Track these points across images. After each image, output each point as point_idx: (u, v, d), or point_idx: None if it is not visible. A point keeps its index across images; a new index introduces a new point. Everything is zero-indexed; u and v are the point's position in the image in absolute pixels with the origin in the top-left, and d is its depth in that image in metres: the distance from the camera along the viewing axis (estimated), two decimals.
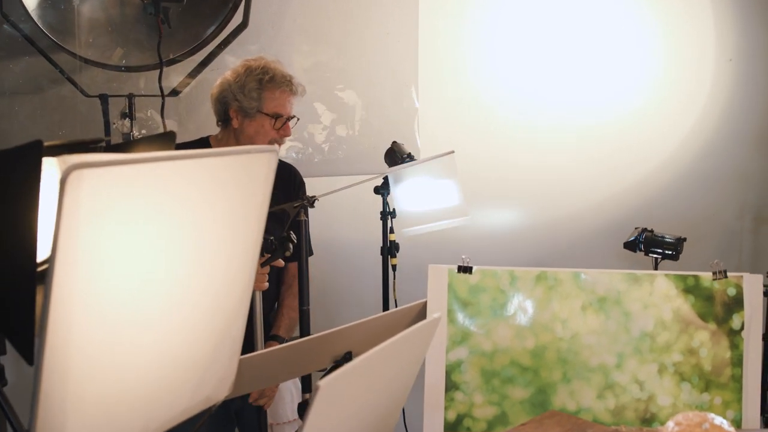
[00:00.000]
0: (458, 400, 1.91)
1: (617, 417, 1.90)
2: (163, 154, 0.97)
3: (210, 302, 1.18)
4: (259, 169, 1.18)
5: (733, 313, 1.95)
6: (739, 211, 3.81)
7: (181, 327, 1.12)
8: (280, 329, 2.45)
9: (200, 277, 1.13)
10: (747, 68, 3.72)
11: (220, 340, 1.25)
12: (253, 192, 1.19)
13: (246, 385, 1.74)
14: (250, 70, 2.31)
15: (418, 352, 1.51)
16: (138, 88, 2.91)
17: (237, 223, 1.18)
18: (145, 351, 1.05)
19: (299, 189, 2.54)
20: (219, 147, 2.40)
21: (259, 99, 2.30)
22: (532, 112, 3.56)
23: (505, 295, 1.95)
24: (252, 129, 2.32)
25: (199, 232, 1.08)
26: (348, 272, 3.44)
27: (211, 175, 1.06)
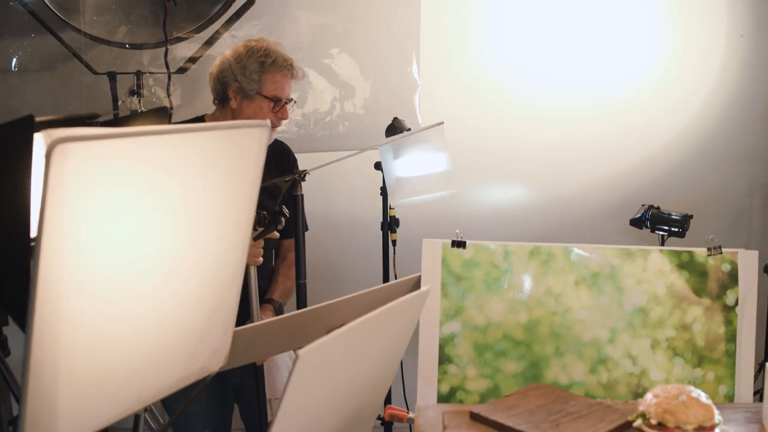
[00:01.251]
0: (451, 374, 1.94)
1: (609, 391, 1.92)
2: (150, 128, 0.99)
3: (202, 275, 1.20)
4: (250, 144, 1.20)
5: (728, 289, 1.95)
6: (748, 189, 3.78)
7: (174, 298, 1.15)
8: (274, 293, 2.48)
9: (192, 250, 1.15)
10: (759, 44, 3.67)
11: (213, 311, 1.27)
12: (245, 166, 1.21)
13: (241, 356, 1.77)
14: (252, 52, 2.31)
15: (406, 325, 1.53)
16: (143, 66, 2.94)
17: (228, 196, 1.20)
18: (138, 322, 1.08)
19: (293, 167, 2.56)
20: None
21: (260, 81, 2.30)
22: (539, 89, 3.55)
23: (498, 270, 1.97)
24: (250, 110, 2.33)
25: (190, 206, 1.10)
26: (349, 247, 3.47)
27: (201, 149, 1.08)
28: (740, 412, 1.51)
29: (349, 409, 1.41)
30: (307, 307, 1.98)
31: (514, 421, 1.41)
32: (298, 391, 1.15)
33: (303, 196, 2.12)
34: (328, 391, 1.29)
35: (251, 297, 2.16)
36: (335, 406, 1.34)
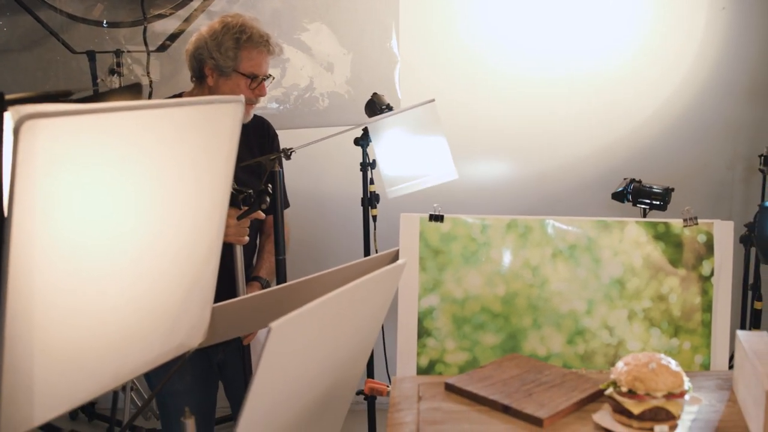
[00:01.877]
0: (430, 347, 1.96)
1: (587, 362, 1.94)
2: (121, 104, 0.99)
3: (178, 251, 1.21)
4: (224, 119, 1.20)
5: (704, 260, 1.97)
6: (729, 162, 3.80)
7: (149, 275, 1.15)
8: (261, 271, 2.48)
9: (166, 227, 1.15)
10: (740, 16, 3.68)
11: (190, 288, 1.28)
12: (219, 142, 1.21)
13: (221, 332, 1.78)
14: (228, 28, 2.29)
15: (382, 298, 1.54)
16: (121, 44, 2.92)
17: (203, 172, 1.20)
18: (113, 298, 1.08)
19: (273, 141, 2.55)
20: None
21: (236, 58, 2.28)
22: (521, 64, 3.55)
23: (476, 243, 1.98)
24: (227, 87, 2.30)
25: (164, 182, 1.10)
26: (329, 223, 3.48)
27: (175, 125, 1.07)
28: (712, 380, 1.54)
29: (326, 384, 1.42)
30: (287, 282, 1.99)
31: (487, 391, 1.42)
32: (271, 365, 1.15)
33: (282, 172, 2.12)
34: (303, 365, 1.30)
35: (237, 276, 2.16)
36: (311, 380, 1.35)
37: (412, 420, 1.34)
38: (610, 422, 1.31)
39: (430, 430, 1.30)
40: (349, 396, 1.62)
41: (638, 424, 1.29)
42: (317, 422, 1.47)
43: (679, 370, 1.33)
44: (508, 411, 1.36)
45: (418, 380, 1.53)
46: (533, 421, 1.32)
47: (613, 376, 1.35)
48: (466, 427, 1.31)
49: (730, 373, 1.56)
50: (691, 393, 1.33)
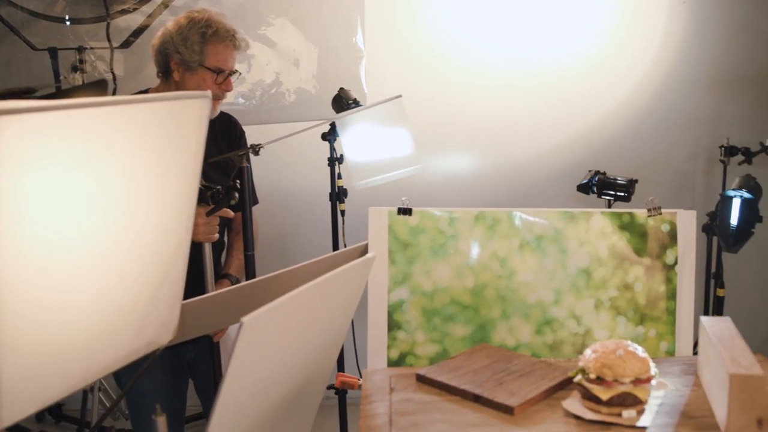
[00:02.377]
0: (401, 339, 1.97)
1: (555, 351, 1.97)
2: (87, 101, 0.98)
3: (146, 248, 1.20)
4: (191, 115, 1.19)
5: (667, 249, 2.01)
6: (691, 153, 3.87)
7: (117, 272, 1.15)
8: (230, 268, 2.47)
9: (134, 223, 1.14)
10: (700, 10, 3.74)
11: (158, 285, 1.27)
12: (186, 138, 1.20)
13: (191, 329, 1.77)
14: (194, 23, 2.27)
15: (352, 292, 1.55)
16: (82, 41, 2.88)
17: (170, 169, 1.19)
18: (82, 295, 1.07)
19: (240, 138, 2.54)
20: None
21: (202, 53, 2.26)
22: (486, 58, 3.57)
23: (444, 236, 1.99)
24: (193, 82, 2.30)
25: (131, 178, 1.09)
26: (297, 219, 3.48)
27: (141, 121, 1.07)
28: (677, 365, 1.57)
29: (297, 378, 1.42)
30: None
31: (458, 381, 1.44)
32: (243, 360, 1.15)
33: (250, 168, 2.11)
34: (275, 360, 1.30)
35: (206, 273, 2.15)
36: (283, 374, 1.35)
37: (385, 411, 1.35)
38: (580, 409, 1.33)
39: (402, 421, 1.30)
40: (321, 390, 1.62)
41: (607, 410, 1.31)
42: (289, 417, 1.47)
43: (645, 356, 1.35)
44: (479, 400, 1.37)
45: (389, 372, 1.54)
46: (504, 410, 1.33)
47: (581, 363, 1.37)
48: (438, 416, 1.32)
49: (694, 359, 1.59)
50: (657, 378, 1.36)
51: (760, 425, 1.23)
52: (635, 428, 1.28)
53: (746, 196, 2.49)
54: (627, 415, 1.30)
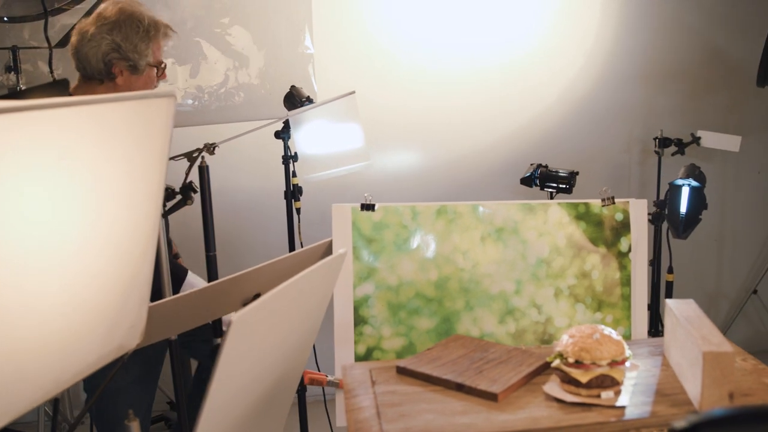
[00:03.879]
0: (367, 334, 1.98)
1: (518, 340, 2.01)
2: (52, 101, 0.95)
3: (114, 249, 1.18)
4: (156, 115, 1.18)
5: (621, 237, 2.07)
6: (626, 145, 3.99)
7: (86, 275, 1.12)
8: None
9: (101, 225, 1.12)
10: (632, 6, 3.86)
11: (127, 287, 1.25)
12: (152, 137, 1.18)
13: (156, 332, 1.74)
14: (135, 24, 2.15)
15: (326, 287, 1.55)
16: (22, 39, 2.79)
17: (137, 169, 1.17)
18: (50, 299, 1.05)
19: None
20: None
21: (149, 54, 2.19)
22: (429, 57, 3.61)
23: (407, 230, 2.01)
24: (141, 83, 2.21)
25: (98, 179, 1.07)
26: (252, 218, 3.45)
27: (107, 121, 1.05)
28: (644, 347, 1.62)
29: (276, 374, 1.42)
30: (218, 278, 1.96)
31: (440, 371, 1.46)
32: (231, 357, 1.15)
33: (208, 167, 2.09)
34: (258, 356, 1.30)
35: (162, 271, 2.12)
36: (264, 370, 1.35)
37: (371, 404, 1.36)
38: (560, 392, 1.37)
39: (390, 412, 1.31)
40: (295, 386, 1.62)
41: (586, 392, 1.35)
42: (267, 413, 1.47)
43: (619, 338, 1.40)
44: (462, 389, 1.40)
45: (368, 365, 1.55)
46: (488, 397, 1.36)
47: (558, 349, 1.40)
48: (425, 406, 1.34)
49: (659, 341, 1.65)
50: (631, 360, 1.40)
51: (731, 399, 1.29)
52: (614, 408, 1.33)
53: (694, 184, 2.60)
54: (606, 396, 1.35)
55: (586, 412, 1.32)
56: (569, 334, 1.41)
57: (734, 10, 3.99)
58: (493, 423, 1.27)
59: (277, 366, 1.42)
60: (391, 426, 1.26)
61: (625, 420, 1.29)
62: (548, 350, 1.60)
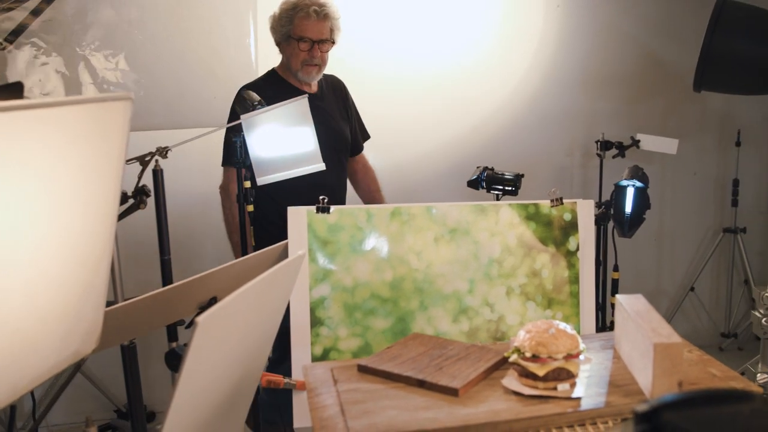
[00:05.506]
0: (324, 335, 1.99)
1: (472, 338, 2.05)
2: (6, 104, 0.95)
3: (70, 254, 1.17)
4: (114, 117, 1.17)
5: (569, 236, 2.13)
6: (569, 148, 4.09)
7: (41, 280, 1.11)
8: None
9: (57, 229, 1.11)
10: (573, 14, 3.97)
11: (84, 292, 1.24)
12: (109, 141, 1.18)
13: (113, 337, 1.73)
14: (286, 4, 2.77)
15: (285, 290, 1.57)
16: None
17: (93, 172, 1.16)
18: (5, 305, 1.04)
19: (348, 98, 3.05)
20: (281, 72, 2.90)
21: (289, 26, 2.74)
22: (378, 62, 3.65)
23: (362, 232, 2.03)
24: (288, 52, 2.81)
25: (54, 182, 1.06)
26: (204, 222, 3.43)
27: (63, 124, 1.04)
28: (596, 341, 1.68)
29: (238, 375, 1.43)
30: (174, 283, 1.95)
31: (401, 369, 1.48)
32: (196, 359, 1.15)
33: (162, 171, 2.07)
34: (222, 358, 1.31)
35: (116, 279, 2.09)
36: (227, 372, 1.35)
37: (334, 402, 1.38)
38: (518, 386, 1.41)
39: (354, 409, 1.33)
40: (254, 387, 1.63)
41: (543, 385, 1.39)
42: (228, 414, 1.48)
43: (574, 333, 1.45)
44: (424, 385, 1.42)
45: (329, 365, 1.57)
46: (449, 392, 1.39)
47: (515, 344, 1.44)
48: (388, 403, 1.36)
49: (609, 335, 1.71)
50: (585, 353, 1.45)
51: (680, 387, 1.35)
52: (571, 399, 1.37)
53: (638, 185, 2.68)
54: (562, 388, 1.39)
55: (544, 404, 1.36)
56: (526, 329, 1.46)
57: (670, 19, 4.14)
58: (456, 417, 1.30)
59: (238, 367, 1.43)
60: (356, 423, 1.28)
61: (581, 410, 1.34)
62: (504, 346, 1.64)
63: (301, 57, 2.78)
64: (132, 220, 2.15)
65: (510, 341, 1.51)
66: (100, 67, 2.83)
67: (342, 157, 3.01)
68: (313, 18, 2.74)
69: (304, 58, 2.78)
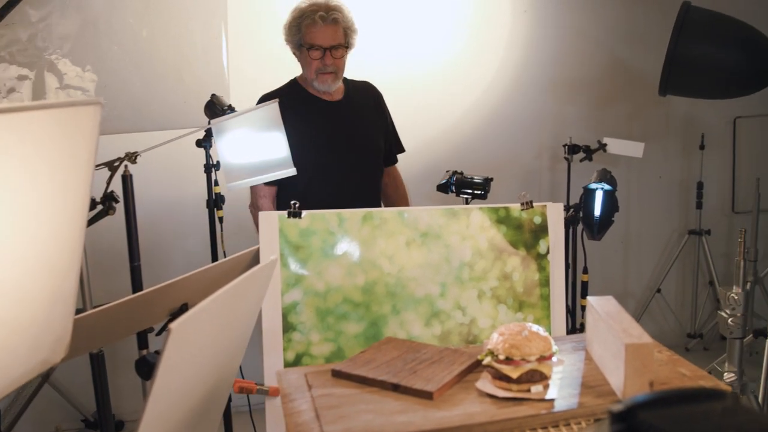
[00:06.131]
0: (296, 341, 1.98)
1: (444, 342, 2.05)
2: None
3: (38, 261, 1.16)
4: (83, 123, 1.16)
5: (540, 239, 2.15)
6: (537, 152, 4.13)
7: (9, 288, 1.10)
8: None
9: (25, 236, 1.10)
10: (539, 18, 4.01)
11: (53, 299, 1.23)
12: (78, 147, 1.17)
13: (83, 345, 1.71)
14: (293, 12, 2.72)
15: (258, 295, 1.56)
16: None
17: (61, 178, 1.15)
18: None
19: (382, 105, 2.99)
20: (301, 81, 2.85)
21: (299, 35, 2.69)
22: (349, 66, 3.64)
23: (334, 237, 2.03)
24: (302, 61, 2.75)
25: (22, 188, 1.05)
26: (174, 228, 3.40)
27: (31, 129, 1.03)
28: (567, 343, 1.69)
29: (211, 381, 1.42)
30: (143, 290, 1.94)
31: (375, 373, 1.48)
32: (170, 365, 1.15)
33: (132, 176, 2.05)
34: (195, 364, 1.30)
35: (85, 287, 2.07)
36: (201, 378, 1.35)
37: (309, 407, 1.37)
38: (492, 388, 1.42)
39: (329, 414, 1.33)
40: (227, 393, 1.62)
41: (517, 387, 1.40)
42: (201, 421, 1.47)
43: (546, 335, 1.46)
44: (398, 389, 1.43)
45: (302, 370, 1.56)
46: (424, 395, 1.39)
47: (489, 347, 1.45)
48: (363, 407, 1.36)
49: (580, 336, 1.73)
50: (557, 354, 1.47)
51: (652, 387, 1.37)
52: (544, 401, 1.38)
53: (606, 187, 2.71)
54: (535, 390, 1.40)
55: (518, 406, 1.37)
56: (499, 332, 1.47)
57: (636, 25, 4.20)
58: (431, 420, 1.31)
59: (212, 374, 1.42)
60: (332, 427, 1.28)
61: (554, 412, 1.35)
62: (477, 349, 1.65)
63: (314, 65, 2.71)
64: (98, 227, 2.12)
65: (483, 344, 1.52)
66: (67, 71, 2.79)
67: (372, 165, 2.93)
68: (320, 24, 2.67)
69: (317, 67, 2.71)
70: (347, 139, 2.77)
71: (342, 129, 2.77)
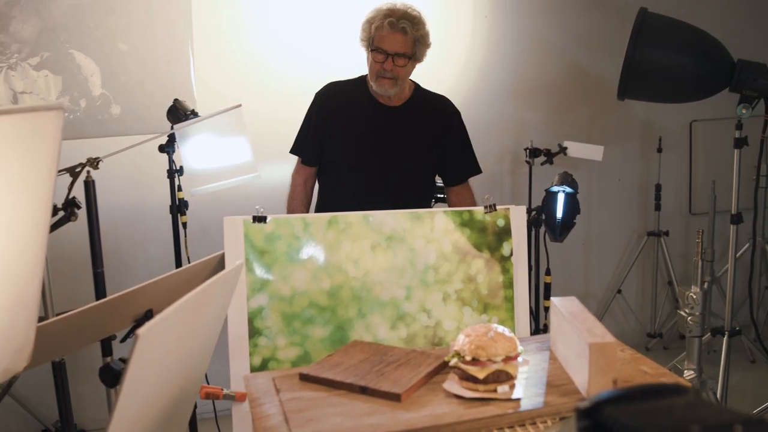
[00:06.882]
0: (262, 345, 1.98)
1: (410, 344, 2.07)
2: None
3: None
4: (44, 128, 1.16)
5: (503, 242, 2.18)
6: (498, 156, 4.17)
7: None
8: None
9: None
10: (500, 24, 4.05)
11: (14, 307, 1.22)
12: (40, 152, 1.16)
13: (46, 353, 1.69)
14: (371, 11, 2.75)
15: (224, 300, 1.56)
16: None
17: (23, 184, 1.14)
18: None
19: (450, 124, 2.93)
20: (368, 80, 2.84)
21: (369, 35, 2.72)
22: (309, 69, 3.65)
23: (299, 241, 2.03)
24: (368, 62, 2.76)
25: None
26: (138, 233, 3.37)
27: None
28: (532, 343, 1.71)
29: (178, 387, 1.41)
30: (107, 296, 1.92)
31: (342, 376, 1.49)
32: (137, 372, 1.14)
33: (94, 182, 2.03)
34: (162, 370, 1.29)
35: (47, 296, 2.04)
36: (167, 384, 1.34)
37: (277, 411, 1.37)
38: (459, 389, 1.43)
39: (297, 418, 1.33)
40: (193, 399, 1.62)
41: (484, 387, 1.42)
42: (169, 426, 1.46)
43: (512, 335, 1.48)
44: (366, 391, 1.43)
45: (270, 374, 1.56)
46: (391, 397, 1.40)
47: (455, 348, 1.47)
48: (331, 410, 1.37)
49: (544, 337, 1.75)
50: (522, 355, 1.49)
51: (615, 385, 1.39)
52: (511, 401, 1.40)
53: (568, 190, 2.75)
54: (502, 390, 1.42)
55: (485, 406, 1.38)
56: (465, 333, 1.48)
57: (595, 31, 4.27)
58: (399, 422, 1.32)
59: (178, 379, 1.42)
60: (301, 430, 1.28)
61: (521, 411, 1.37)
62: (444, 351, 1.66)
63: (375, 68, 2.73)
64: (60, 233, 2.10)
65: (450, 345, 1.53)
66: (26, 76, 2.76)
67: (405, 176, 2.87)
68: (387, 30, 2.68)
69: (378, 70, 2.72)
70: (387, 146, 2.76)
71: (386, 135, 2.76)
